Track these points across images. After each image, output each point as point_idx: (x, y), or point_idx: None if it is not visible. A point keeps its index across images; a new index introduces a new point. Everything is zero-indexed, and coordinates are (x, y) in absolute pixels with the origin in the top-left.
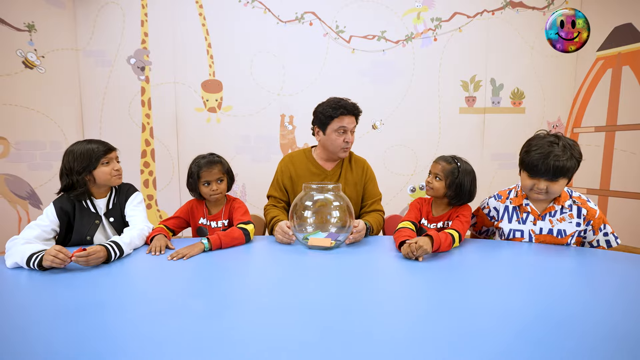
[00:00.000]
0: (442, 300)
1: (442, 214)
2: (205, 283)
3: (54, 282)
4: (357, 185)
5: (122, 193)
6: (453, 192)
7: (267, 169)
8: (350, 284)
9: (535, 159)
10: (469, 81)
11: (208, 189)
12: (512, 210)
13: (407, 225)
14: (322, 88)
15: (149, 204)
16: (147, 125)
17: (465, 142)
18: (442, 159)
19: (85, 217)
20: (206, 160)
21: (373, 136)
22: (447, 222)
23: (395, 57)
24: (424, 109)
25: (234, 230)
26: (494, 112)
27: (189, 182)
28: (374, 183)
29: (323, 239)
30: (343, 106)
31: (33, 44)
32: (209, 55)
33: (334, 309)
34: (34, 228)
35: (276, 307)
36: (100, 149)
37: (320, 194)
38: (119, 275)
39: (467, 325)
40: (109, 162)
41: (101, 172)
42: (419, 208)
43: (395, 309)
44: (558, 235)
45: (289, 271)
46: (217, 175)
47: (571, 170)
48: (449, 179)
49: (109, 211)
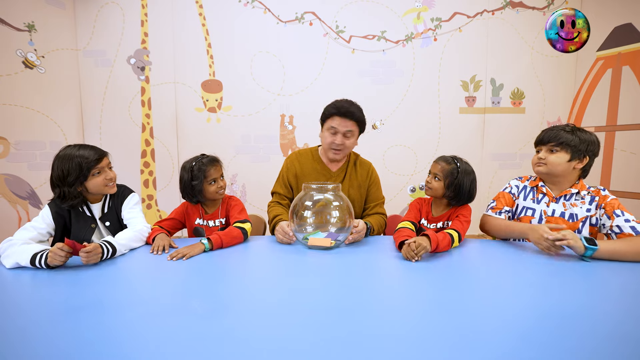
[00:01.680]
0: (443, 300)
1: (442, 214)
2: (205, 283)
3: (52, 282)
4: (361, 188)
5: (117, 196)
6: (452, 193)
7: (267, 169)
8: (350, 284)
9: (539, 134)
10: (469, 81)
11: (215, 186)
12: (529, 190)
13: (406, 225)
14: (322, 88)
15: (148, 204)
16: (147, 125)
17: (465, 142)
18: (442, 159)
19: (81, 221)
20: (208, 159)
21: (373, 136)
22: (447, 222)
23: (396, 57)
24: (424, 109)
25: (232, 229)
26: (494, 112)
27: (190, 187)
28: (377, 187)
29: (323, 239)
30: (337, 107)
31: (33, 44)
32: (209, 55)
33: (334, 309)
34: (29, 230)
35: (276, 307)
36: (91, 158)
37: (320, 193)
38: (118, 274)
39: (469, 325)
40: (100, 172)
41: (93, 183)
42: (418, 208)
43: (396, 309)
44: (569, 219)
45: (288, 271)
46: (220, 172)
47: (571, 145)
48: (448, 179)
49: (104, 215)
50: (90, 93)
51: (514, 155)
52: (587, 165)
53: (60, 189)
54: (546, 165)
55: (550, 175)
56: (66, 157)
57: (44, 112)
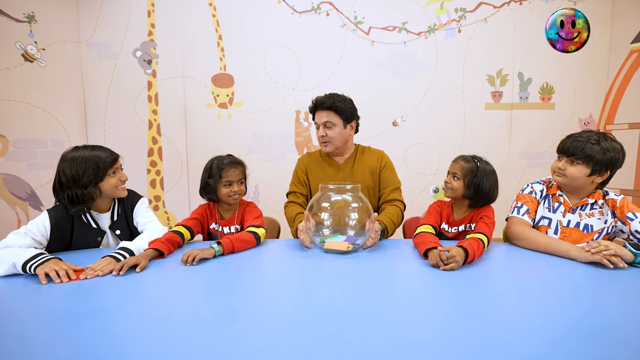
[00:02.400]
0: (468, 306)
1: (463, 216)
2: (215, 287)
3: (54, 287)
4: (373, 175)
5: (126, 202)
6: (472, 192)
7: (281, 168)
8: (368, 289)
9: (564, 139)
10: (495, 75)
11: (229, 189)
12: (546, 197)
13: (427, 229)
14: (339, 82)
15: (156, 205)
16: (154, 122)
17: (491, 139)
18: (461, 158)
19: (85, 234)
20: (229, 160)
21: (394, 133)
22: (468, 224)
23: (417, 49)
24: (447, 104)
25: (244, 233)
26: (521, 108)
27: (206, 184)
28: (390, 170)
29: (339, 243)
30: (313, 102)
31: (33, 36)
32: (220, 47)
33: (351, 316)
34: (23, 236)
35: (289, 313)
36: (108, 158)
37: (338, 194)
38: (123, 280)
39: (495, 332)
40: (115, 172)
41: (108, 184)
42: (439, 211)
43: (417, 315)
44: (585, 229)
45: (303, 276)
46: (239, 176)
47: (593, 159)
48: (468, 178)
49: (114, 223)
50: (93, 88)
51: (542, 154)
52: (607, 179)
53: (72, 191)
54: (565, 177)
55: (568, 186)
56: (80, 158)
57: (45, 108)
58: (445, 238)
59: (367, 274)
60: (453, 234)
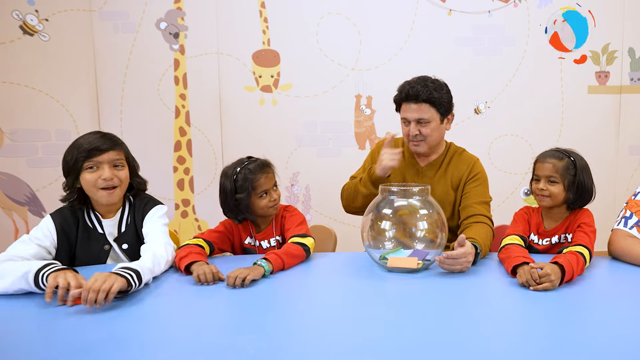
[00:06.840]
0: (567, 338)
1: (557, 225)
2: (256, 315)
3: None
4: (456, 189)
5: (137, 209)
6: (575, 195)
7: (338, 165)
8: (445, 319)
9: None
10: (601, 52)
11: (267, 199)
12: None
13: (516, 241)
14: (408, 61)
15: (184, 211)
16: (181, 109)
17: (596, 130)
18: (548, 155)
19: (91, 240)
20: (256, 164)
21: (475, 123)
22: (564, 235)
23: (505, 20)
24: (541, 87)
25: (290, 246)
26: (632, 91)
27: (234, 201)
28: (481, 182)
29: (406, 259)
30: (400, 90)
31: (34, 4)
32: (263, 18)
33: (422, 351)
34: (28, 243)
35: (345, 349)
36: (85, 146)
37: (402, 199)
38: (139, 305)
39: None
40: (96, 167)
41: (84, 181)
42: (526, 219)
43: (505, 351)
44: None
45: (364, 300)
46: (273, 180)
47: None
48: (567, 178)
49: (120, 235)
50: (107, 67)
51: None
52: None
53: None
54: None
55: None
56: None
57: (48, 92)
58: (535, 252)
59: (441, 298)
60: (544, 247)
